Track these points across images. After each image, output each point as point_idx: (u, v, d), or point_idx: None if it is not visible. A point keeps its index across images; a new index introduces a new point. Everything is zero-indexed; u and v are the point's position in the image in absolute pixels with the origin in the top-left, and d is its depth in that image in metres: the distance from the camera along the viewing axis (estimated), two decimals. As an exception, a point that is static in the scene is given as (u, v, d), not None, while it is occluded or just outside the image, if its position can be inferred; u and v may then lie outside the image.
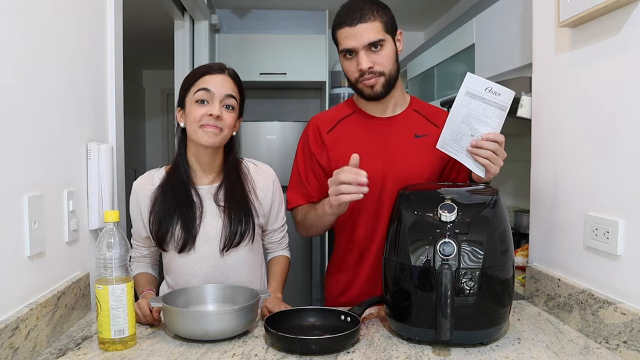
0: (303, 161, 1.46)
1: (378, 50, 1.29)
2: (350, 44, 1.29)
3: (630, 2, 0.98)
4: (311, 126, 1.46)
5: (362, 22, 1.27)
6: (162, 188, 1.29)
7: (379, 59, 1.30)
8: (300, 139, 1.49)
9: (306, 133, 1.46)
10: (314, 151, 1.43)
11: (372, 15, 1.28)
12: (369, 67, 1.29)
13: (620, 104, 1.03)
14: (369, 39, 1.27)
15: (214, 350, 1.03)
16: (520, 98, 1.53)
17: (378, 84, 1.32)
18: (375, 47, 1.29)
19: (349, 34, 1.29)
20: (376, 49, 1.29)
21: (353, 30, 1.28)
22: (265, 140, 3.75)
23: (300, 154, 1.47)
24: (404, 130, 1.40)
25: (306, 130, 1.47)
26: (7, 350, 0.88)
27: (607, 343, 1.03)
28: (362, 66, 1.29)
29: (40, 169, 1.06)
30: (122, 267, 1.04)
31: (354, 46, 1.29)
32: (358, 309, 1.13)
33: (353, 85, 1.37)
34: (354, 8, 1.30)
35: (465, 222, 1.03)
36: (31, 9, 1.02)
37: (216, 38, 3.68)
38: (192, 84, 1.26)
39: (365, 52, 1.29)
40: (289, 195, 1.47)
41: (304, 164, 1.45)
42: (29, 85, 1.01)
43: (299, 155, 1.47)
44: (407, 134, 1.39)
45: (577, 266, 1.18)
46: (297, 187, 1.46)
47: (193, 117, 1.23)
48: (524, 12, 1.76)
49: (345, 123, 1.43)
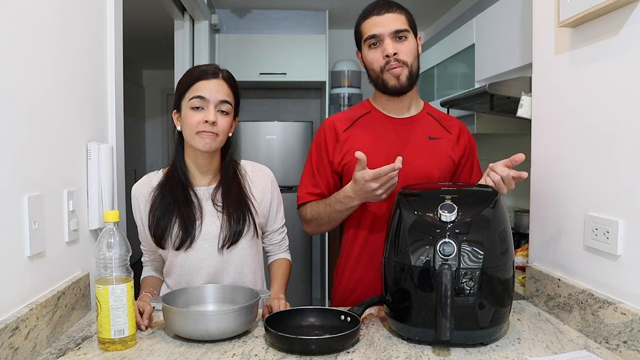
0: (317, 160, 1.46)
1: (402, 41, 1.34)
2: (377, 30, 1.34)
3: (630, 2, 0.98)
4: (327, 125, 1.46)
5: (389, 12, 1.34)
6: (161, 189, 1.30)
7: (403, 48, 1.34)
8: (314, 139, 1.50)
9: (322, 132, 1.47)
10: (329, 148, 1.43)
11: (398, 9, 1.37)
12: (395, 52, 1.32)
13: (620, 103, 1.03)
14: (395, 26, 1.33)
15: (214, 350, 1.03)
16: (521, 98, 1.53)
17: (403, 74, 1.35)
18: (400, 38, 1.34)
19: (376, 22, 1.34)
20: (401, 40, 1.34)
21: (380, 19, 1.34)
22: (265, 140, 3.75)
23: (314, 152, 1.47)
24: (419, 131, 1.42)
25: (321, 129, 1.47)
26: (7, 350, 0.88)
27: (607, 343, 1.03)
28: (388, 51, 1.32)
29: (40, 169, 1.06)
30: (122, 267, 1.04)
31: (380, 32, 1.33)
32: (358, 309, 1.13)
33: (377, 77, 1.38)
34: (380, 3, 1.37)
35: (465, 222, 1.03)
36: (31, 9, 1.02)
37: (216, 38, 3.68)
38: (186, 89, 1.26)
39: (390, 39, 1.33)
40: (300, 192, 1.47)
41: (317, 163, 1.46)
42: (29, 86, 1.01)
43: (313, 153, 1.48)
44: (422, 135, 1.42)
45: (577, 266, 1.18)
46: (308, 184, 1.46)
47: (189, 123, 1.24)
48: (524, 12, 1.76)
49: (362, 121, 1.44)
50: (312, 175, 1.46)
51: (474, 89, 2.03)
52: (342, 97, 3.84)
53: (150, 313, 1.18)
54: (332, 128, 1.44)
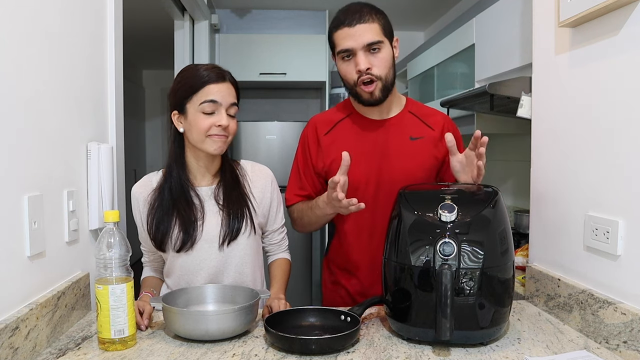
0: (302, 160, 1.48)
1: (376, 53, 1.30)
2: (349, 44, 1.29)
3: (630, 2, 0.98)
4: (310, 127, 1.47)
5: (361, 23, 1.28)
6: (160, 190, 1.30)
7: (376, 61, 1.30)
8: (300, 138, 1.51)
9: (305, 133, 1.48)
10: (311, 151, 1.45)
11: (370, 17, 1.29)
12: (367, 67, 1.29)
13: (621, 103, 1.03)
14: (368, 39, 1.28)
15: (214, 350, 1.03)
16: (521, 98, 1.53)
17: (377, 89, 1.32)
18: (373, 50, 1.29)
19: (348, 34, 1.28)
20: (374, 52, 1.30)
21: (352, 31, 1.28)
22: (265, 140, 3.75)
23: (300, 152, 1.49)
24: (399, 133, 1.41)
25: (305, 130, 1.49)
26: (7, 350, 0.88)
27: (607, 343, 1.03)
28: (360, 66, 1.28)
29: (40, 169, 1.06)
30: (122, 267, 1.04)
31: (352, 46, 1.28)
32: (358, 309, 1.13)
33: (350, 89, 1.36)
34: (352, 10, 1.30)
35: (465, 222, 1.03)
36: (31, 9, 1.02)
37: (216, 38, 3.68)
38: (194, 92, 1.23)
39: (363, 53, 1.29)
40: (287, 194, 1.49)
41: (303, 163, 1.47)
42: (29, 85, 1.01)
43: (299, 154, 1.49)
44: (402, 136, 1.41)
45: (577, 266, 1.18)
46: (295, 185, 1.48)
47: (200, 127, 1.22)
48: (524, 12, 1.76)
49: (341, 126, 1.44)
50: (299, 177, 1.47)
51: (474, 89, 2.03)
52: (342, 97, 3.84)
53: (150, 313, 1.18)
54: (314, 131, 1.45)
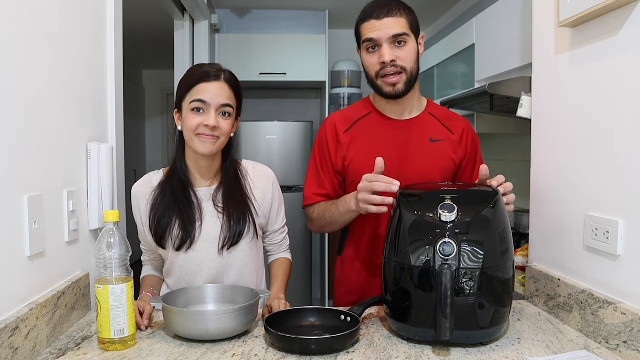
0: (320, 159, 1.46)
1: (402, 46, 1.31)
2: (375, 34, 1.30)
3: (630, 2, 0.98)
4: (328, 124, 1.46)
5: (388, 17, 1.30)
6: (162, 188, 1.30)
7: (402, 54, 1.31)
8: (317, 137, 1.49)
9: (323, 131, 1.47)
10: (330, 148, 1.43)
11: (398, 11, 1.31)
12: (392, 59, 1.30)
13: (620, 103, 1.03)
14: (394, 31, 1.30)
15: (214, 350, 1.03)
16: (521, 98, 1.53)
17: (400, 82, 1.33)
18: (399, 43, 1.31)
19: (375, 26, 1.31)
20: (400, 45, 1.31)
21: (379, 23, 1.30)
22: (265, 140, 3.75)
23: (317, 151, 1.47)
24: (420, 134, 1.41)
25: (323, 128, 1.47)
26: (7, 350, 0.88)
27: (607, 343, 1.03)
28: (385, 58, 1.30)
29: (40, 169, 1.06)
30: (122, 267, 1.04)
31: (378, 37, 1.30)
32: (358, 309, 1.13)
33: (372, 81, 1.37)
34: (381, 4, 1.33)
35: (465, 222, 1.03)
36: (31, 9, 1.02)
37: (216, 38, 3.68)
38: (188, 90, 1.24)
39: (388, 45, 1.30)
40: (306, 192, 1.47)
41: (321, 162, 1.45)
42: (29, 86, 1.01)
43: (316, 152, 1.48)
44: (422, 137, 1.40)
45: (577, 266, 1.18)
46: (314, 184, 1.46)
47: (189, 125, 1.22)
48: (524, 12, 1.76)
49: (361, 123, 1.43)
50: (317, 174, 1.45)
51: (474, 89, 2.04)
52: (342, 97, 3.84)
53: (150, 313, 1.18)
54: (333, 128, 1.44)
